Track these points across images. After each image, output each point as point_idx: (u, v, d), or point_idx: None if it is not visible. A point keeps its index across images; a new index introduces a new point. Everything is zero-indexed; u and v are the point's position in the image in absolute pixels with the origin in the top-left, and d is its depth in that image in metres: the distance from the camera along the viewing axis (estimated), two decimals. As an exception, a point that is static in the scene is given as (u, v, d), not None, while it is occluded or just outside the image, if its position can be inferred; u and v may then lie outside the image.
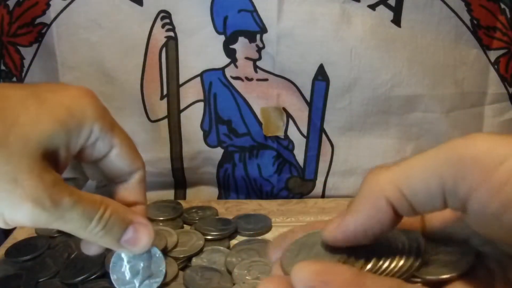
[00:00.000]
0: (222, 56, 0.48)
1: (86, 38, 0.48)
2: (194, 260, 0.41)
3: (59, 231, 0.44)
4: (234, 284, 0.37)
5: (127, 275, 0.34)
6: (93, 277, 0.38)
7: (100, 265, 0.39)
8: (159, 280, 0.35)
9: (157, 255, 0.35)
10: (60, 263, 0.40)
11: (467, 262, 0.23)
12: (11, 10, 0.48)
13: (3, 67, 0.50)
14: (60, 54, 0.48)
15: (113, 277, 0.34)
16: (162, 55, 0.49)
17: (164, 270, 0.35)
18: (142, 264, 0.34)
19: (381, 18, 0.47)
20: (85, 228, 0.30)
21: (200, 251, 0.41)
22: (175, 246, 0.41)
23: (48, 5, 0.47)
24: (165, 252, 0.40)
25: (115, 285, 0.34)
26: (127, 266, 0.34)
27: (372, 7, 0.46)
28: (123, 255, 0.34)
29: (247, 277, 0.38)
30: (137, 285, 0.34)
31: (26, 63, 0.49)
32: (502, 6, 0.47)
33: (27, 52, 0.49)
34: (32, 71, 0.50)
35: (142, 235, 0.32)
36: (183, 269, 0.40)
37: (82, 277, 0.38)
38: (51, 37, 0.48)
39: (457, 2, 0.47)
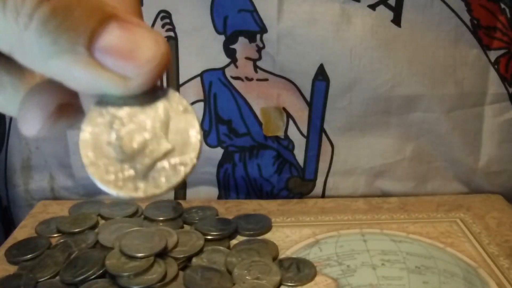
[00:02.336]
0: (222, 56, 0.48)
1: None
2: (194, 260, 0.40)
3: (59, 231, 0.45)
4: (234, 284, 0.37)
5: (118, 153, 0.19)
6: (93, 277, 0.38)
7: (100, 265, 0.38)
8: (192, 158, 0.19)
9: (181, 107, 0.20)
10: (60, 263, 0.40)
11: None
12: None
13: (3, 67, 0.50)
14: (60, 54, 0.48)
15: (85, 155, 0.19)
16: (162, 55, 0.48)
17: (199, 136, 0.20)
18: (149, 128, 0.19)
19: (381, 18, 0.47)
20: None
21: (200, 251, 0.41)
22: (175, 246, 0.41)
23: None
24: (165, 252, 0.40)
25: (89, 172, 0.19)
26: (118, 133, 0.19)
27: (372, 7, 0.46)
28: (104, 111, 0.19)
29: (247, 277, 0.38)
30: (141, 170, 0.19)
31: (26, 63, 0.49)
32: (502, 6, 0.47)
33: (27, 52, 0.49)
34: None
35: (142, 39, 0.17)
36: (183, 269, 0.40)
37: (82, 277, 0.38)
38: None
39: (457, 2, 0.47)
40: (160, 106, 0.20)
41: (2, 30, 0.16)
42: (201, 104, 0.50)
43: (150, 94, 0.19)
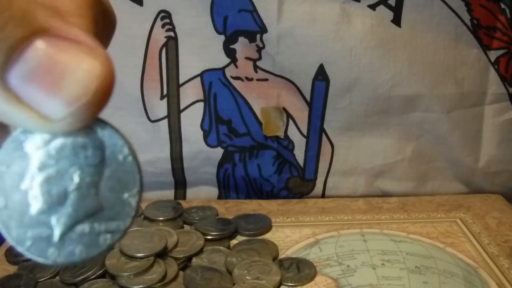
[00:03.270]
0: (222, 56, 0.48)
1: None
2: (194, 260, 0.40)
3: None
4: (234, 284, 0.37)
5: (33, 203, 0.15)
6: (93, 277, 0.38)
7: (100, 265, 0.38)
8: (121, 226, 0.16)
9: (121, 156, 0.16)
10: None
11: None
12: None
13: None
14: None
15: None
16: (162, 55, 0.48)
17: (135, 200, 0.16)
18: (76, 177, 0.15)
19: (381, 18, 0.47)
20: None
21: (200, 251, 0.41)
22: (175, 246, 0.41)
23: (48, 5, 0.47)
24: (165, 252, 0.40)
25: None
26: (37, 177, 0.15)
27: (372, 7, 0.46)
28: (26, 144, 0.15)
29: (247, 277, 0.38)
30: (56, 231, 0.15)
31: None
32: (502, 6, 0.47)
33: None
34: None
35: (74, 62, 0.14)
36: (183, 269, 0.40)
37: (82, 277, 0.38)
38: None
39: (457, 2, 0.47)
40: (95, 149, 0.15)
41: None
42: (201, 104, 0.50)
43: (86, 130, 0.15)
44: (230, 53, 0.48)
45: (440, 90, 0.49)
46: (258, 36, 0.47)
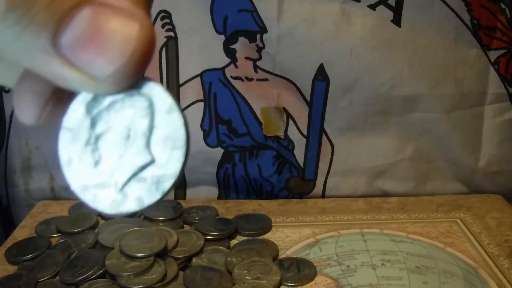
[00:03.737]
0: (222, 56, 0.48)
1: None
2: (194, 260, 0.40)
3: (59, 231, 0.45)
4: (234, 284, 0.37)
5: (94, 159, 0.17)
6: (93, 277, 0.38)
7: (100, 265, 0.38)
8: (172, 176, 0.17)
9: (167, 112, 0.17)
10: (60, 263, 0.40)
11: None
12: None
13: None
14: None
15: (63, 158, 0.17)
16: (162, 55, 0.49)
17: (183, 151, 0.17)
18: (131, 133, 0.17)
19: (381, 18, 0.47)
20: None
21: (200, 251, 0.41)
22: (175, 246, 0.41)
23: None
24: (165, 252, 0.40)
25: (67, 177, 0.17)
26: (96, 135, 0.17)
27: (372, 7, 0.46)
28: (86, 106, 0.17)
29: (247, 277, 0.38)
30: (116, 184, 0.17)
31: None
32: (502, 6, 0.47)
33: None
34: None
35: (116, 27, 0.15)
36: (183, 269, 0.40)
37: (82, 277, 0.38)
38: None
39: (457, 2, 0.47)
40: (145, 106, 0.17)
41: None
42: (201, 104, 0.50)
43: (134, 89, 0.17)
44: (230, 53, 0.48)
45: (440, 90, 0.49)
46: (258, 36, 0.47)
